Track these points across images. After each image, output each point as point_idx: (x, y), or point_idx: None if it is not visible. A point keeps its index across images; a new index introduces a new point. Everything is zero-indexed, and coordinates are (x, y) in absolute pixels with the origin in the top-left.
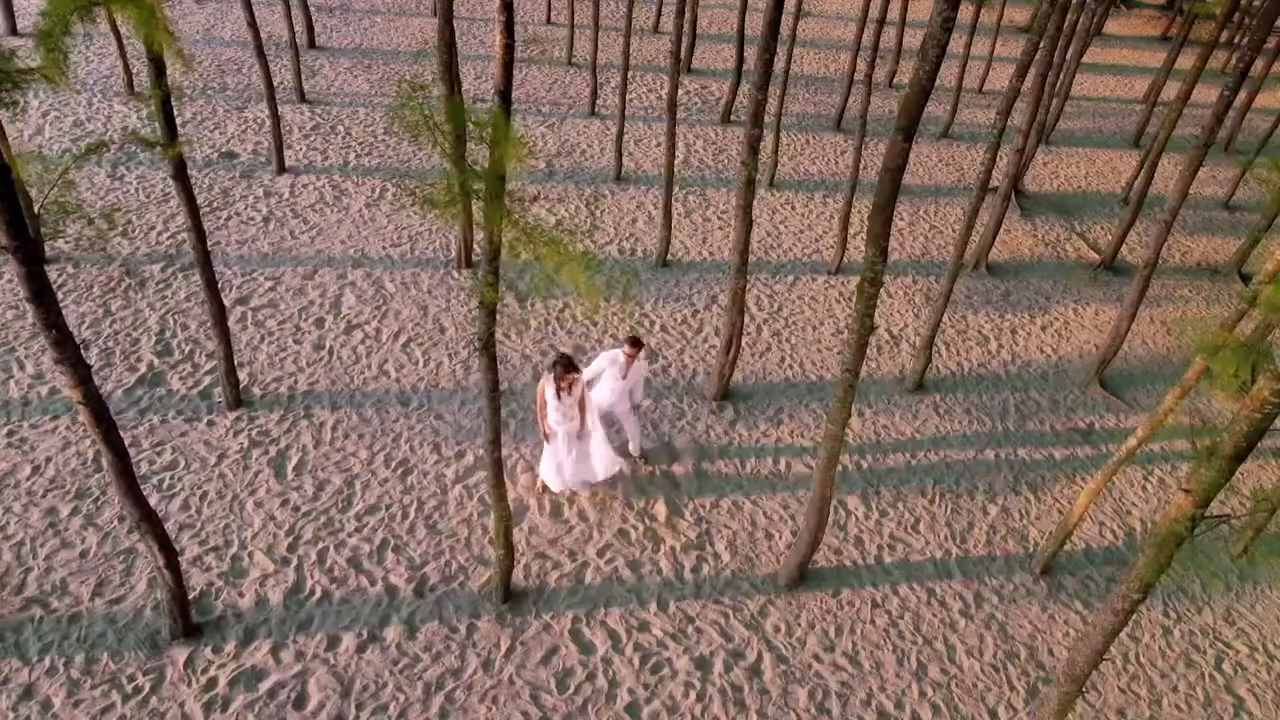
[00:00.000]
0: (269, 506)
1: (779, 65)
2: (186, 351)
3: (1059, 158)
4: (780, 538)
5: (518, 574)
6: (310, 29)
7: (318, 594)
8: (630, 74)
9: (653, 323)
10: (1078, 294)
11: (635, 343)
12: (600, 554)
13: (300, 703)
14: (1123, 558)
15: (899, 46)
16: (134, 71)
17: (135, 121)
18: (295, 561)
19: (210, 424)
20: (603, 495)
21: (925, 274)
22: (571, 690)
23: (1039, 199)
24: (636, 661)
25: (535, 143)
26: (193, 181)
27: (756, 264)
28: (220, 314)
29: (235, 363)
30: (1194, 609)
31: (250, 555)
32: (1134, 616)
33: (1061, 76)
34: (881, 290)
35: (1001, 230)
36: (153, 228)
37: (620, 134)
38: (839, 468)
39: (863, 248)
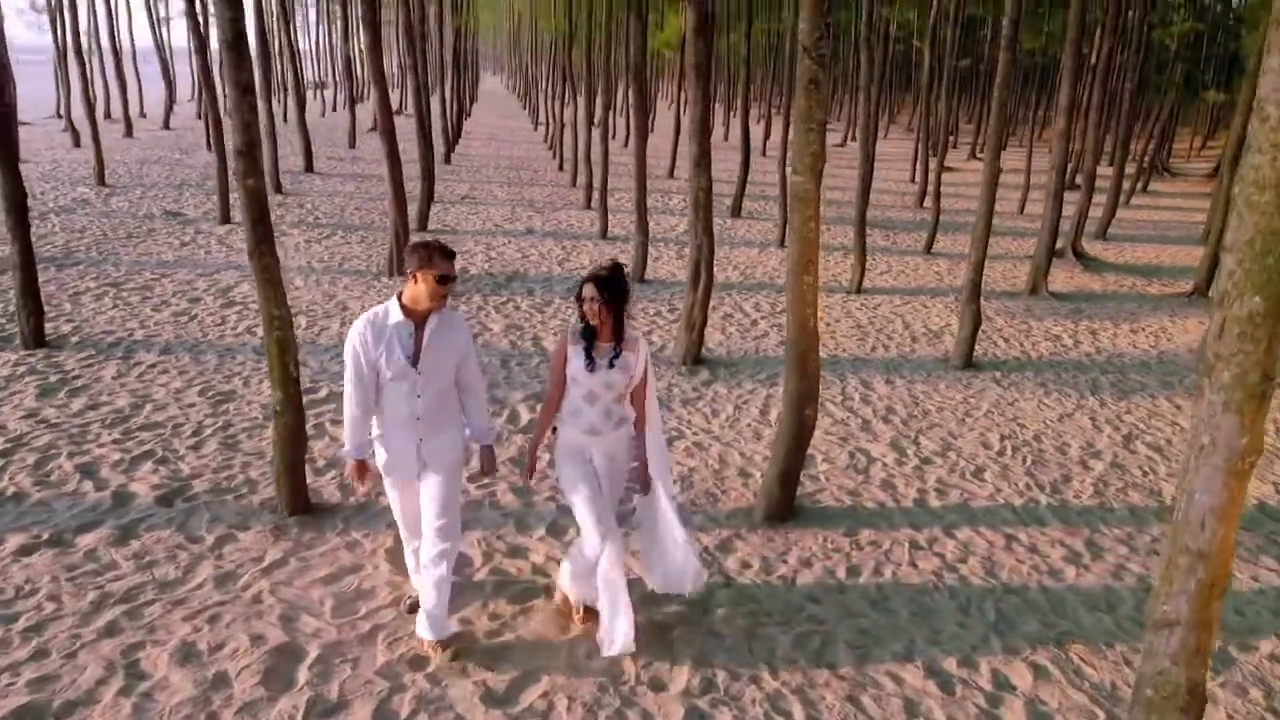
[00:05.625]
0: (4, 418)
1: None
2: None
3: (1117, 248)
4: (760, 479)
5: (331, 491)
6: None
7: (7, 494)
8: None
9: None
10: (1172, 312)
11: (439, 255)
12: (472, 479)
13: None
14: None
15: None
16: None
17: None
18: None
19: None
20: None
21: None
22: (359, 614)
23: (1103, 262)
24: (489, 589)
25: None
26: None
27: (765, 283)
28: (20, 212)
29: (40, 294)
30: None
31: None
32: None
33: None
34: (918, 301)
35: (1064, 276)
36: None
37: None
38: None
39: (880, 277)
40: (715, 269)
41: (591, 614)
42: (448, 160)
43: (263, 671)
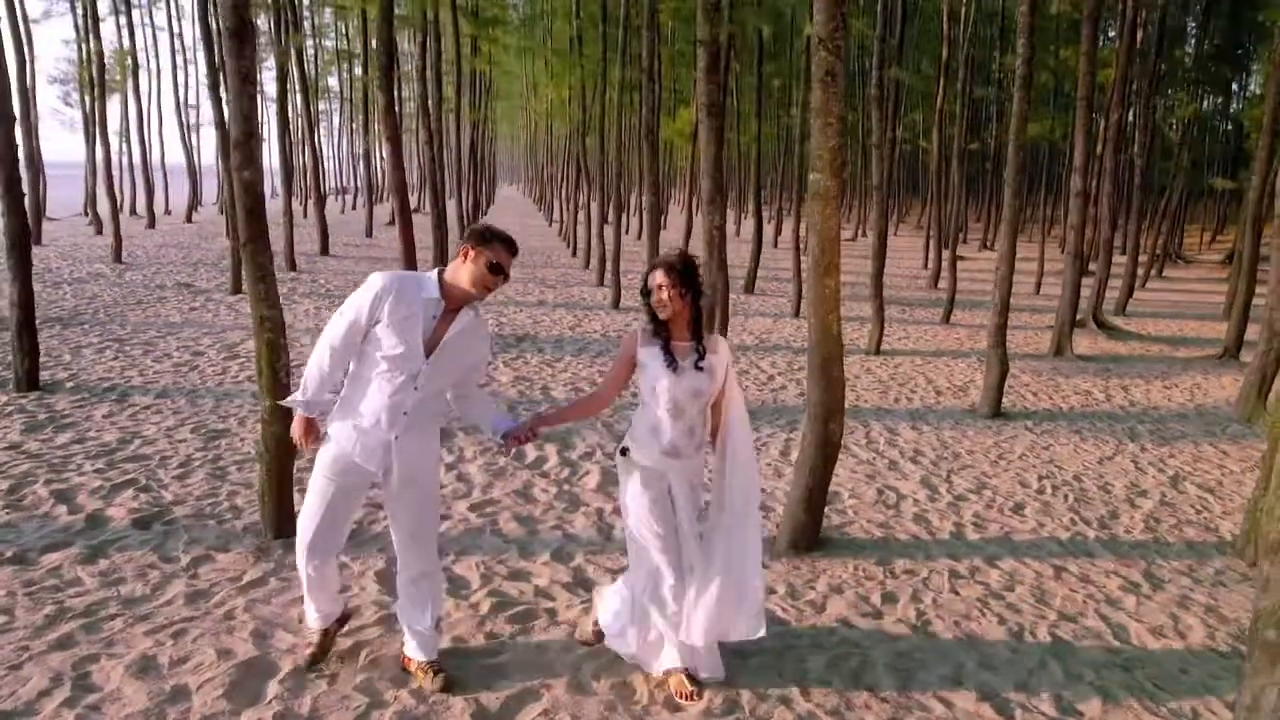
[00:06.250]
0: None
1: None
2: None
3: (1138, 322)
4: (781, 511)
5: None
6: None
7: None
8: None
9: None
10: (1204, 371)
11: (501, 241)
12: (475, 509)
13: None
14: None
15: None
16: None
17: None
18: None
19: None
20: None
21: None
22: (341, 632)
23: (1126, 331)
24: (486, 607)
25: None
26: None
27: (781, 345)
28: (22, 251)
29: (36, 335)
30: None
31: None
32: None
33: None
34: (939, 362)
35: (1087, 342)
36: None
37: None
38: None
39: (899, 342)
40: (730, 334)
41: (601, 637)
42: None
43: (227, 685)
